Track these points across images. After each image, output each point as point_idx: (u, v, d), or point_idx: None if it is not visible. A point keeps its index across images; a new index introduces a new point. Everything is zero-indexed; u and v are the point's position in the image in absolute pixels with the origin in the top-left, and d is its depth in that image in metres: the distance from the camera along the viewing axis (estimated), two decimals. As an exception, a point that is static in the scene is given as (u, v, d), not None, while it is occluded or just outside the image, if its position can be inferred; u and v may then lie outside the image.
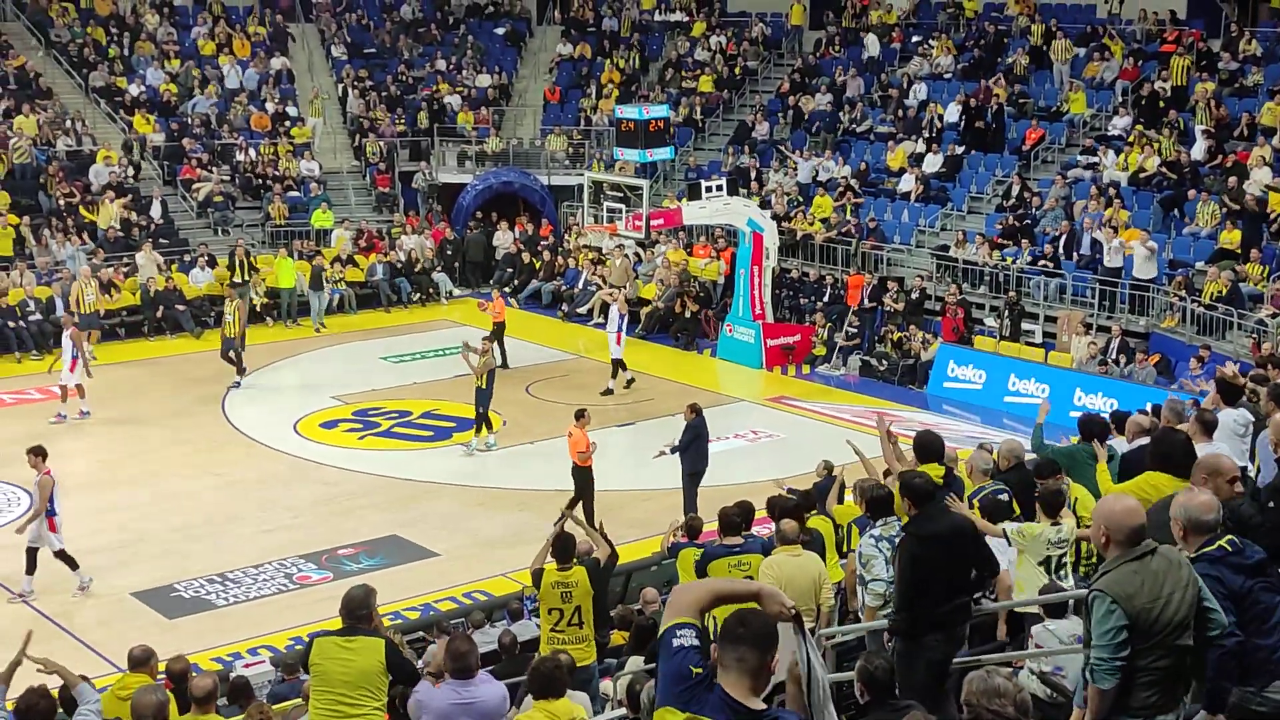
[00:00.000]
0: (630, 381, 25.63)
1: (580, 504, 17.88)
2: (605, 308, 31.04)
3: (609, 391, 25.16)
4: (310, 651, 8.14)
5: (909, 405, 24.85)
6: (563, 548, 11.43)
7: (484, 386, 21.55)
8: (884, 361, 26.72)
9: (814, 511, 12.52)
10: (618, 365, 25.57)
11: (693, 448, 18.68)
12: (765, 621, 4.62)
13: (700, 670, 4.41)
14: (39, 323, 27.83)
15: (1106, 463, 11.05)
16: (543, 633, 11.38)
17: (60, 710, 8.01)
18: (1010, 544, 9.93)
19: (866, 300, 28.20)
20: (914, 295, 28.03)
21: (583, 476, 18.26)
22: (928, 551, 8.11)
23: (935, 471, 10.41)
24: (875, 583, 9.64)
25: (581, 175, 31.60)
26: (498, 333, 26.69)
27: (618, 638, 12.60)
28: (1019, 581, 9.93)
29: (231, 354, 25.50)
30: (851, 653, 9.83)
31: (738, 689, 4.40)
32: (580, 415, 18.47)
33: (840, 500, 13.63)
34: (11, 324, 27.63)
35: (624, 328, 25.60)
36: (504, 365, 26.09)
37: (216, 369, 25.90)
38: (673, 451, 18.76)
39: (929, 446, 10.88)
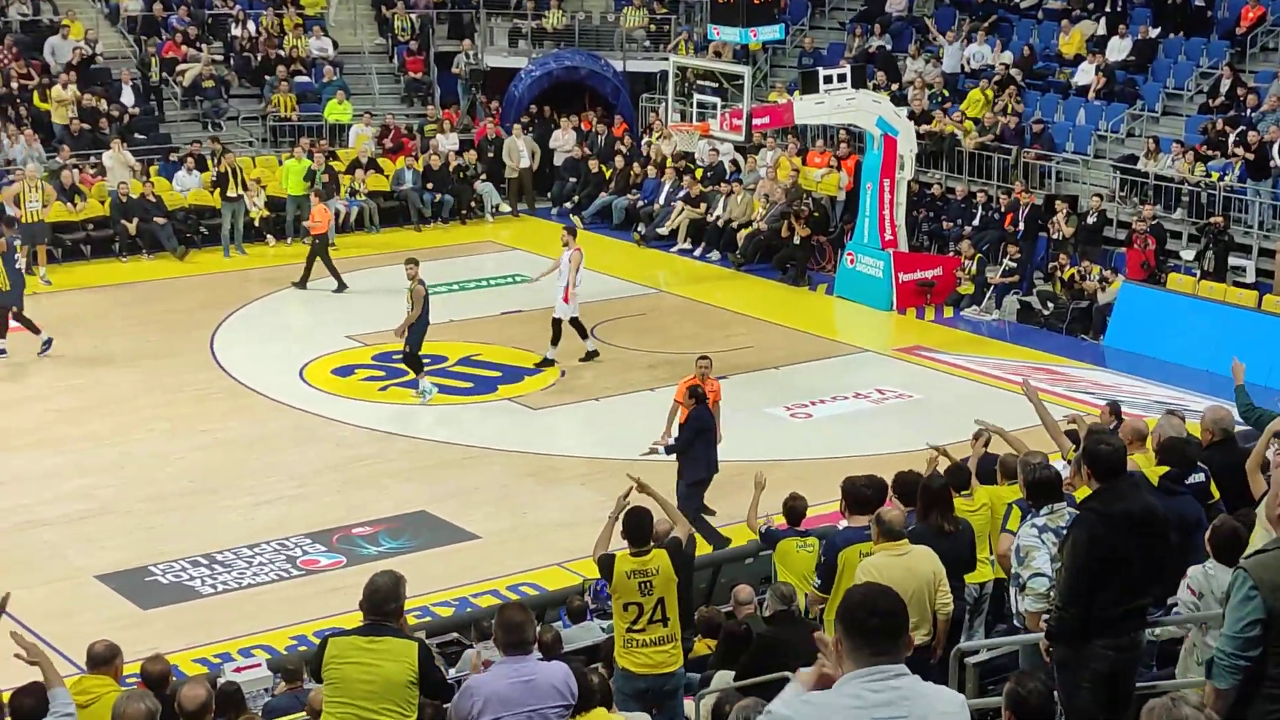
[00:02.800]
0: (592, 354, 24.15)
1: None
2: (692, 231, 31.10)
3: (548, 362, 23.78)
4: (324, 654, 8.23)
5: (1080, 360, 24.67)
6: (636, 526, 11.28)
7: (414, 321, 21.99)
8: (1049, 304, 26.52)
9: (966, 491, 12.49)
10: (568, 326, 23.82)
11: (694, 448, 17.64)
12: (897, 603, 5.07)
13: None
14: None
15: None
16: (617, 633, 11.42)
17: None
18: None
19: (1024, 225, 27.99)
20: (1090, 219, 27.76)
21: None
22: (1112, 534, 8.04)
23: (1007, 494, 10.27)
24: (1037, 579, 9.56)
25: (666, 60, 31.49)
26: (320, 249, 27.73)
27: (701, 646, 12.67)
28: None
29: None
30: (998, 672, 9.83)
31: None
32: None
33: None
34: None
35: (577, 278, 23.75)
36: (301, 284, 27.76)
37: (205, 297, 26.21)
38: (667, 452, 18.05)
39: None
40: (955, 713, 5.18)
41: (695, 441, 17.55)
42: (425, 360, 22.50)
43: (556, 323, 23.55)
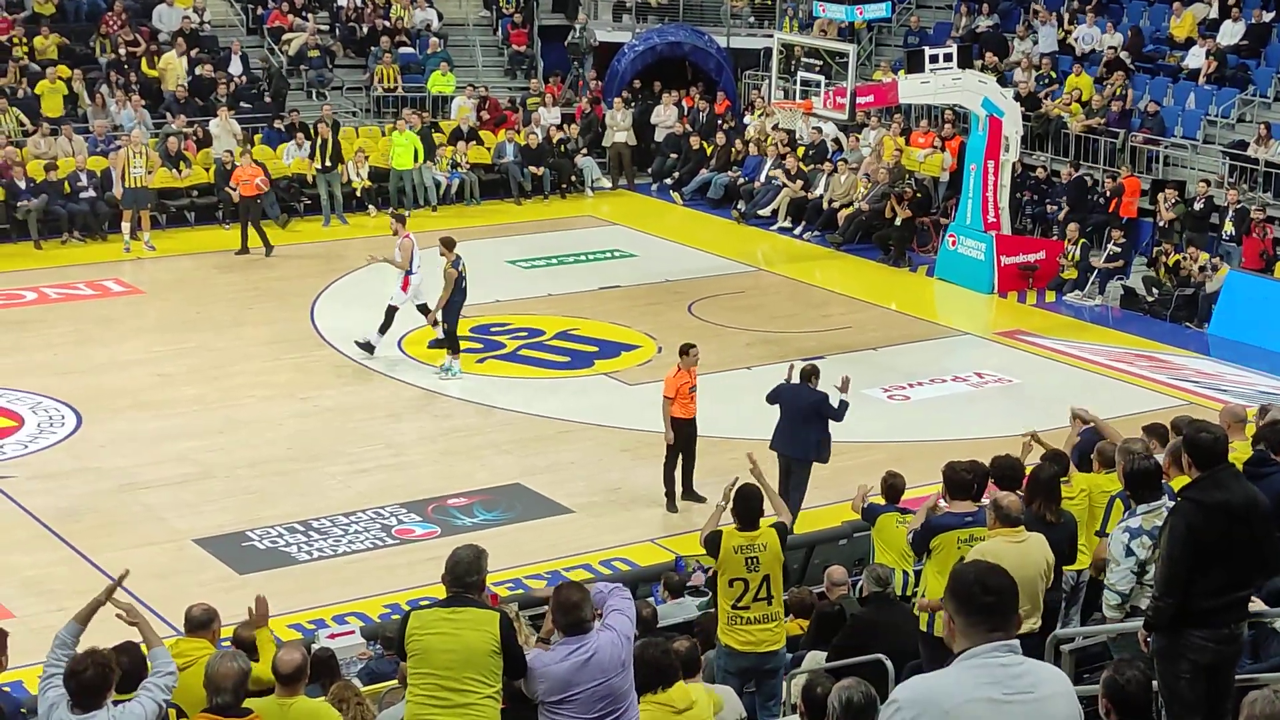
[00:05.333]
0: (367, 345, 23.01)
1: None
2: (793, 209, 31.00)
3: (369, 347, 22.88)
4: (407, 626, 8.27)
5: (1184, 349, 24.41)
6: (747, 505, 11.47)
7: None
8: (1154, 290, 26.24)
9: (1065, 479, 12.38)
10: (432, 324, 22.85)
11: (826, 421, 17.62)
12: (1008, 581, 5.19)
13: None
14: (92, 200, 28.63)
15: None
16: (721, 611, 11.48)
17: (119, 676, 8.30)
18: None
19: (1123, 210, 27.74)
20: (1197, 206, 27.44)
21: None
22: (1211, 524, 7.96)
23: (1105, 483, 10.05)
24: (1110, 594, 9.57)
25: (770, 36, 31.39)
26: (247, 208, 27.81)
27: (793, 626, 12.67)
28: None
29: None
30: (1092, 660, 9.77)
31: None
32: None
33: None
34: (61, 202, 28.49)
35: (414, 265, 22.78)
36: (266, 251, 27.79)
37: (306, 266, 26.44)
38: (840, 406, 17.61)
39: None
40: (1068, 693, 5.27)
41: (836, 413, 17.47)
42: (463, 338, 22.58)
43: (390, 310, 22.74)
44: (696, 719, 8.99)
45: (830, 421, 17.36)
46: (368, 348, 22.73)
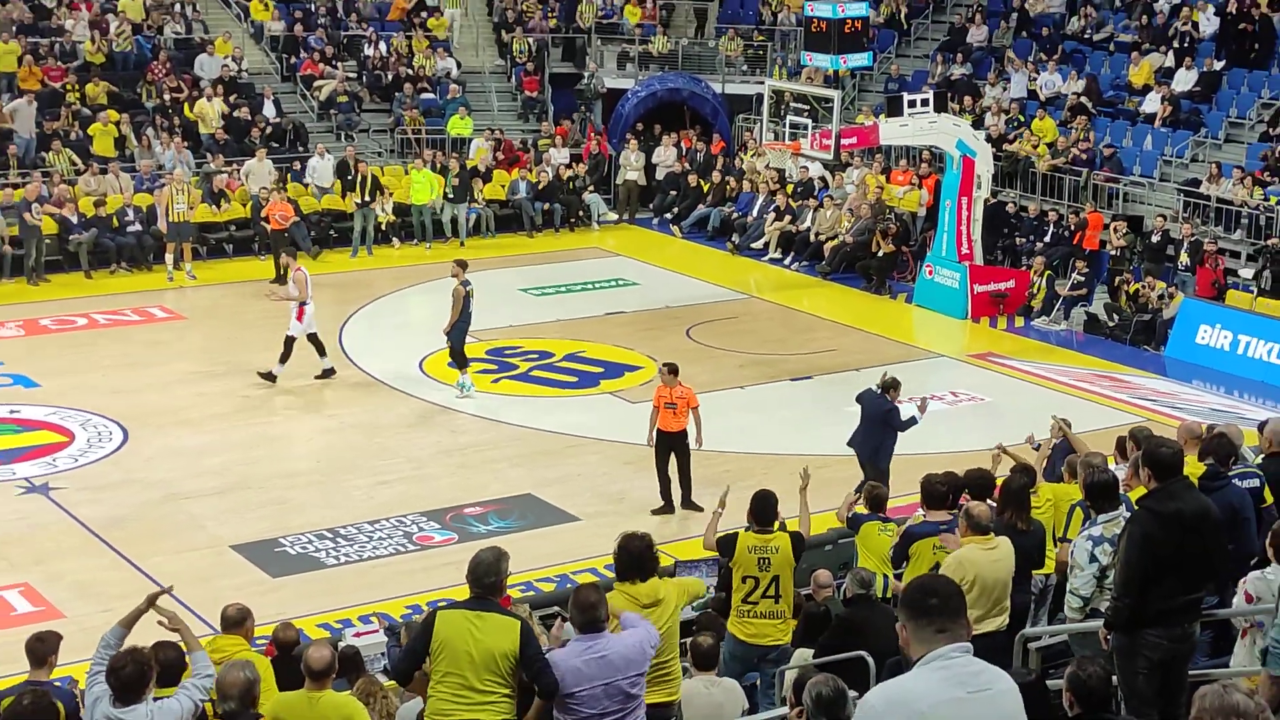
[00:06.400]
0: (329, 372, 22.71)
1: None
2: (782, 242, 31.00)
3: (271, 377, 22.31)
4: (433, 624, 8.18)
5: (1142, 370, 24.38)
6: (763, 508, 11.55)
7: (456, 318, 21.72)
8: (1114, 316, 26.23)
9: (1032, 489, 12.36)
10: (300, 344, 22.40)
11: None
12: (952, 585, 5.08)
13: None
14: (139, 234, 28.67)
15: None
16: (733, 604, 11.53)
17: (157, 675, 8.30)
18: None
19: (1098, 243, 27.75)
20: (1154, 239, 27.45)
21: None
22: (1166, 533, 7.97)
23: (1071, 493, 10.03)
24: (1073, 597, 9.56)
25: (761, 83, 31.40)
26: (276, 240, 27.57)
27: (788, 627, 12.65)
28: None
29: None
30: (1058, 657, 9.76)
31: None
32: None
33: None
34: (110, 235, 28.53)
35: (310, 296, 22.24)
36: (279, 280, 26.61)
37: (334, 294, 26.44)
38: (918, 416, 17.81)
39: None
40: (1015, 690, 5.19)
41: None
42: (472, 360, 22.46)
43: (289, 340, 22.23)
44: (659, 615, 9.13)
45: (898, 432, 17.44)
46: (269, 377, 22.21)
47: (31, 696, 7.26)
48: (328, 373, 22.68)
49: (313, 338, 22.49)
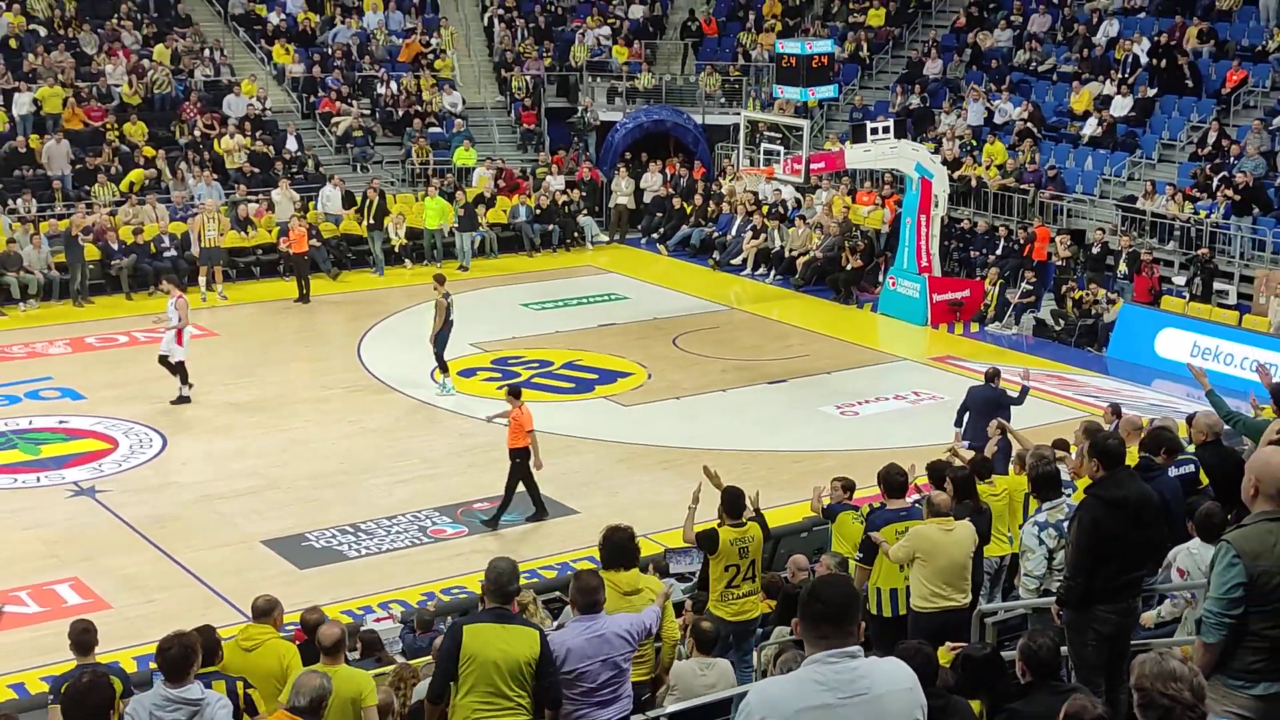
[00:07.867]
0: (184, 399, 21.86)
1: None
2: (759, 258, 31.02)
3: (184, 399, 21.84)
4: (461, 639, 7.89)
5: (1087, 369, 24.42)
6: (733, 503, 11.64)
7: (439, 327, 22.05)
8: (1061, 321, 26.27)
9: (989, 480, 12.41)
10: (177, 369, 21.93)
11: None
12: (843, 589, 4.93)
13: None
14: (174, 258, 28.65)
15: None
16: (714, 590, 11.58)
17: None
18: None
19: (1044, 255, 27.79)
20: (1094, 250, 27.50)
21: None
22: (1111, 518, 7.98)
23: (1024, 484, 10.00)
24: (1028, 579, 9.59)
25: (738, 114, 31.43)
26: (297, 263, 28.00)
27: (763, 606, 12.66)
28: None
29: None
30: (1013, 631, 9.77)
31: None
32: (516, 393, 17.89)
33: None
34: (148, 260, 28.52)
35: (185, 321, 21.72)
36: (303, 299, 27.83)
37: (353, 310, 26.39)
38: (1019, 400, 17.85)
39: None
40: (910, 687, 4.95)
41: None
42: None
43: (178, 364, 21.79)
44: (637, 604, 9.08)
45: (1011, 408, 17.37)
46: (183, 400, 21.78)
47: (91, 675, 7.22)
48: (184, 399, 21.87)
49: (180, 365, 21.90)
